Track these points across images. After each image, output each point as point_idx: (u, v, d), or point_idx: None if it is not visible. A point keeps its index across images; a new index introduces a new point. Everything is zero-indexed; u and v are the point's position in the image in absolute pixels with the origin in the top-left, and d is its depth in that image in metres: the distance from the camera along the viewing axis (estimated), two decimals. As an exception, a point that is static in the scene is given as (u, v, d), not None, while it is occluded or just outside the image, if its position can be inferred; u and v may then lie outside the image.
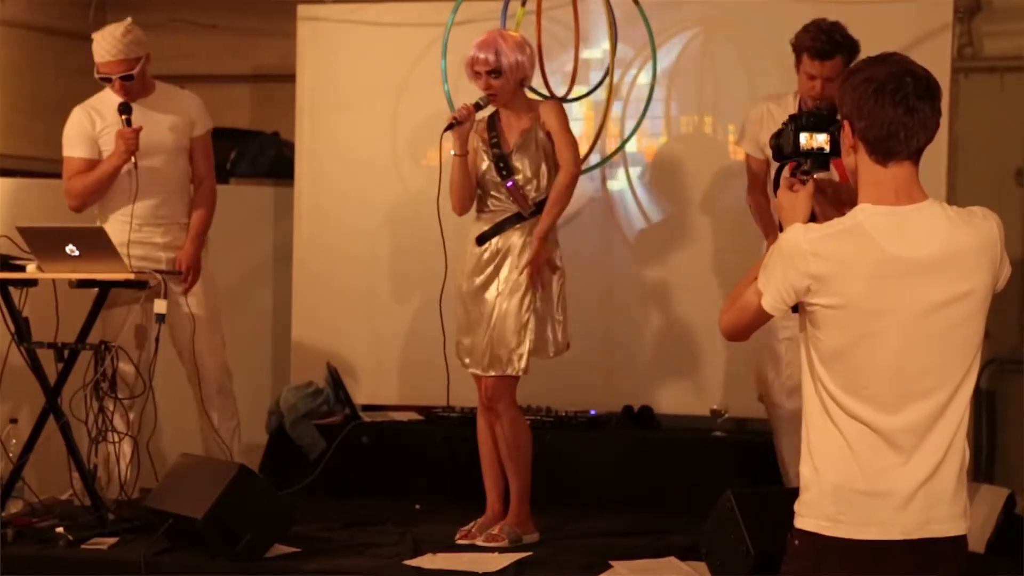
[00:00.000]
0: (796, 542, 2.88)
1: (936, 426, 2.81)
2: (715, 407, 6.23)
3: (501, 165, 5.23)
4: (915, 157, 2.86)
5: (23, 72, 7.40)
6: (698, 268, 6.39)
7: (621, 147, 6.42)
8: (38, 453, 5.50)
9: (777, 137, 3.19)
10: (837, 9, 5.70)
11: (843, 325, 2.82)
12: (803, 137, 3.14)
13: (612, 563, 4.89)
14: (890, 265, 2.80)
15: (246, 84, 7.41)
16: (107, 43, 5.54)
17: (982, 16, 6.92)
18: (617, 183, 6.53)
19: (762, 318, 2.93)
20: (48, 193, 6.81)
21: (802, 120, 3.15)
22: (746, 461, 5.92)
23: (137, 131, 5.51)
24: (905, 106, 2.81)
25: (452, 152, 5.23)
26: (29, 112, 7.45)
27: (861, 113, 2.84)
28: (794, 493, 5.05)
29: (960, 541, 2.86)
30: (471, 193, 5.29)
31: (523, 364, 5.20)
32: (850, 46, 5.16)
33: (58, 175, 7.58)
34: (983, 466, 6.82)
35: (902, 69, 2.84)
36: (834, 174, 5.09)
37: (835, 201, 3.09)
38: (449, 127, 5.18)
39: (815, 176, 3.08)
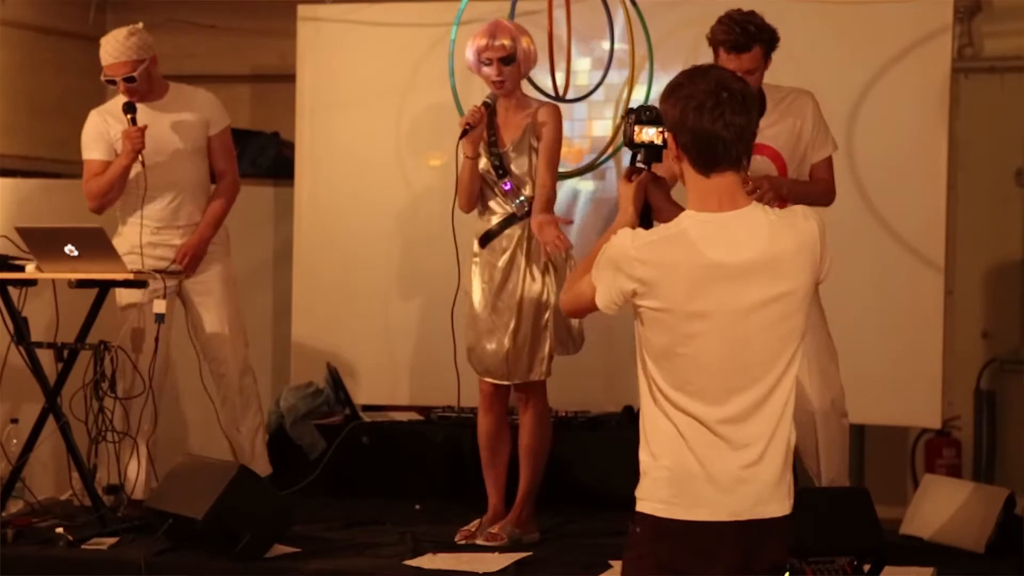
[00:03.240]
0: (637, 528, 3.01)
1: (759, 415, 2.96)
2: (715, 407, 6.22)
3: (497, 164, 5.20)
4: (736, 166, 3.00)
5: (23, 72, 7.41)
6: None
7: (620, 147, 6.42)
8: (38, 453, 5.50)
9: (624, 129, 3.33)
10: (837, 9, 5.72)
11: (667, 326, 2.96)
12: (636, 130, 3.29)
13: (612, 563, 4.88)
14: (710, 270, 2.93)
15: (246, 84, 7.41)
16: (111, 45, 5.62)
17: (982, 16, 6.92)
18: (617, 183, 6.52)
19: (597, 310, 3.08)
20: (48, 193, 6.83)
21: (635, 114, 3.29)
22: (746, 461, 5.91)
23: (142, 129, 5.56)
24: (722, 122, 2.94)
25: (466, 155, 5.18)
26: (29, 112, 7.46)
27: (682, 128, 2.98)
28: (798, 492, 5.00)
29: (784, 521, 3.01)
30: (478, 193, 5.27)
31: (545, 367, 5.20)
32: (766, 36, 4.91)
33: (58, 175, 7.63)
34: (983, 466, 6.82)
35: (718, 85, 2.96)
36: (770, 167, 5.08)
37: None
38: (464, 133, 5.13)
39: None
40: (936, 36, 6.10)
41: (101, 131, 5.73)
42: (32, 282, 5.42)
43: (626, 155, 6.44)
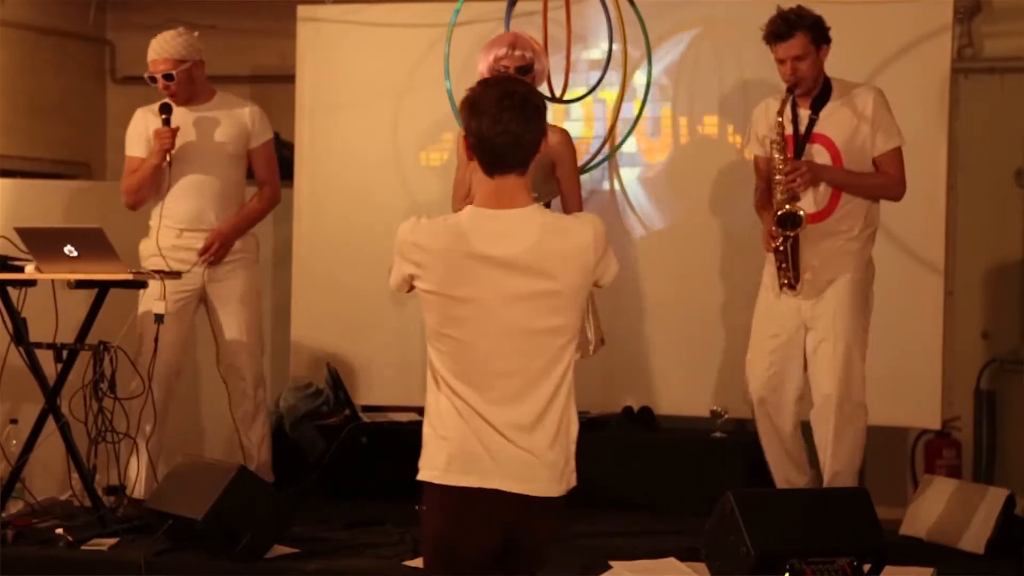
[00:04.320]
0: (423, 495, 3.33)
1: (525, 401, 3.25)
2: (715, 408, 6.22)
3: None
4: (518, 169, 3.29)
5: (23, 72, 7.41)
6: (697, 268, 6.38)
7: (618, 147, 6.42)
8: (38, 454, 5.50)
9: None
10: (837, 9, 5.70)
11: (436, 308, 3.28)
12: None
13: (612, 563, 4.89)
14: (475, 260, 3.24)
15: (246, 85, 7.40)
16: (157, 43, 5.70)
17: (982, 17, 6.93)
18: (616, 183, 6.52)
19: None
20: (48, 193, 6.83)
21: None
22: (746, 462, 5.91)
23: (174, 131, 5.62)
24: (500, 128, 3.24)
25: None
26: (29, 112, 7.46)
27: (469, 131, 3.30)
28: (793, 494, 5.03)
29: (552, 501, 3.30)
30: None
31: None
32: (807, 22, 5.12)
33: (58, 175, 7.64)
34: (983, 466, 6.82)
35: (503, 93, 3.26)
36: (825, 156, 5.16)
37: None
38: None
39: None
40: (936, 36, 6.10)
41: (141, 129, 5.78)
42: (32, 283, 5.42)
43: (628, 156, 6.51)
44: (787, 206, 5.12)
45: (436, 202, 6.25)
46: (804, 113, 5.23)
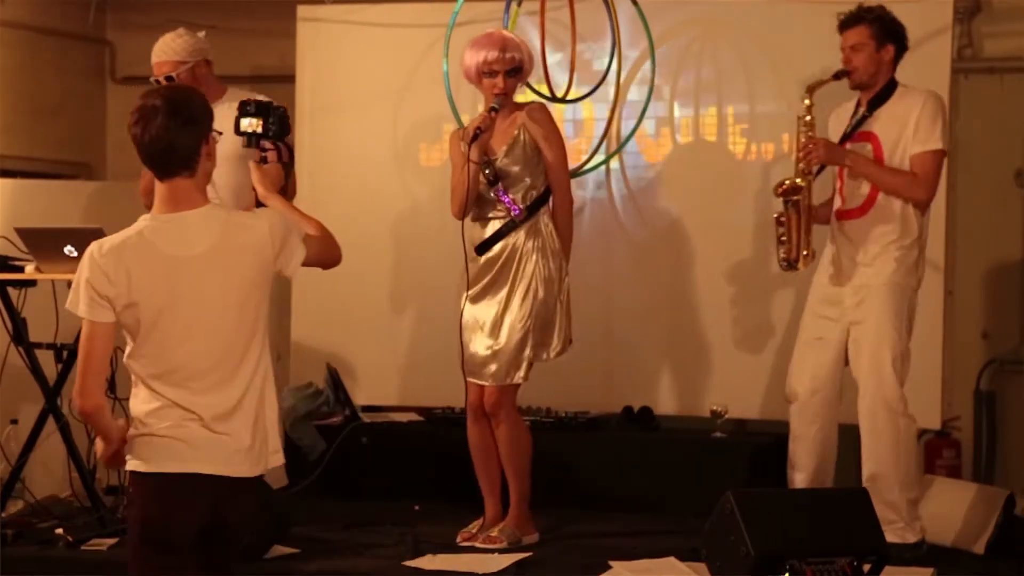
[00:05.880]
0: (130, 486, 3.49)
1: (222, 391, 3.42)
2: (715, 408, 6.22)
3: (488, 171, 5.21)
4: (186, 172, 3.42)
5: (23, 72, 7.40)
6: (697, 269, 6.38)
7: (620, 148, 6.42)
8: (38, 453, 5.50)
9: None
10: (838, 9, 5.70)
11: (138, 316, 3.39)
12: (243, 122, 4.07)
13: (612, 563, 4.89)
14: (167, 264, 3.38)
15: (246, 85, 7.38)
16: (158, 45, 5.64)
17: (982, 17, 6.92)
18: (617, 184, 6.52)
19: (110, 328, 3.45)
20: (48, 193, 6.83)
21: (240, 107, 4.09)
22: (746, 462, 5.91)
23: None
24: (151, 135, 3.37)
25: (472, 161, 5.18)
26: (29, 112, 7.46)
27: (132, 140, 3.40)
28: (793, 494, 5.04)
29: (248, 482, 3.46)
30: (473, 200, 5.27)
31: (523, 372, 5.20)
32: (871, 16, 5.19)
33: (58, 175, 7.63)
34: (983, 466, 6.82)
35: (161, 103, 3.37)
36: (870, 154, 5.14)
37: None
38: (474, 138, 5.14)
39: None
40: (936, 36, 6.09)
41: None
42: (32, 283, 5.42)
43: (629, 157, 6.52)
44: (789, 180, 5.15)
45: (435, 201, 6.26)
46: (862, 111, 5.26)
